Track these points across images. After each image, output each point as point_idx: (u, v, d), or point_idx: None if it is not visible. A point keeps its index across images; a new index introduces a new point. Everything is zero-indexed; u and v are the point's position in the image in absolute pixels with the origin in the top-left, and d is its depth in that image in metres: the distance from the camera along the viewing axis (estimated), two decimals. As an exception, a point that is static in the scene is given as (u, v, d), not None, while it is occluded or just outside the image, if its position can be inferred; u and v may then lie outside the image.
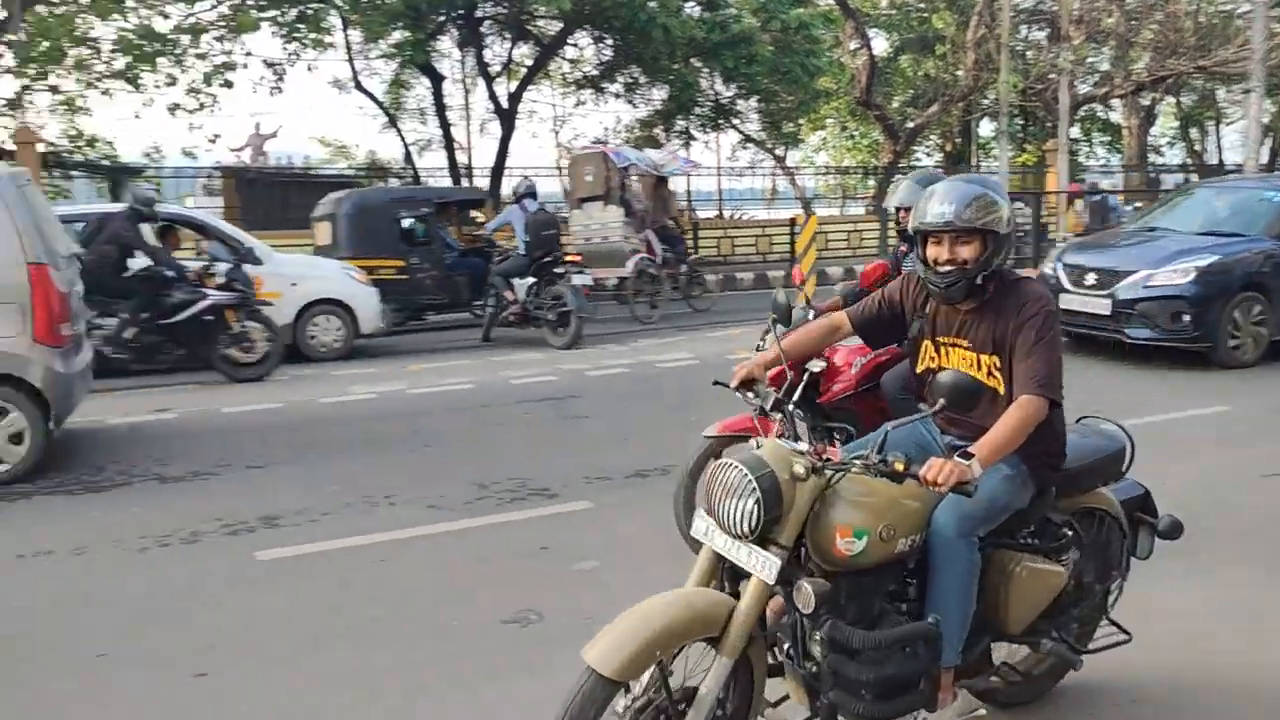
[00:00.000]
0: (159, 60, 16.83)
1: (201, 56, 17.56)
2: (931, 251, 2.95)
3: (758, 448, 2.72)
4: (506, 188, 18.51)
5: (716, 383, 3.21)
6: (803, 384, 5.45)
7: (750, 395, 2.98)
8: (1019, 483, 2.96)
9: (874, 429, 5.40)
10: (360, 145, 27.66)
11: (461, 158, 22.63)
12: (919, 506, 2.75)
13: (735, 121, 24.90)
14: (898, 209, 5.35)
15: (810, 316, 5.28)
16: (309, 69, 24.26)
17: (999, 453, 2.72)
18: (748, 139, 26.80)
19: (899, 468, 2.52)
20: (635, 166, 14.94)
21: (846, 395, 5.16)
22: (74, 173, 19.92)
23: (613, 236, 14.15)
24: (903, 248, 5.54)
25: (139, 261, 9.51)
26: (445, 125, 21.79)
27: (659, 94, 23.07)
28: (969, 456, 2.60)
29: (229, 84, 17.75)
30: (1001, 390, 2.95)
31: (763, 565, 2.58)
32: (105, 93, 17.73)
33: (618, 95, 23.36)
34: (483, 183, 21.07)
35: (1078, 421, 3.36)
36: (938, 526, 2.78)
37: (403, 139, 22.65)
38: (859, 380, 5.16)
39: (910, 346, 3.16)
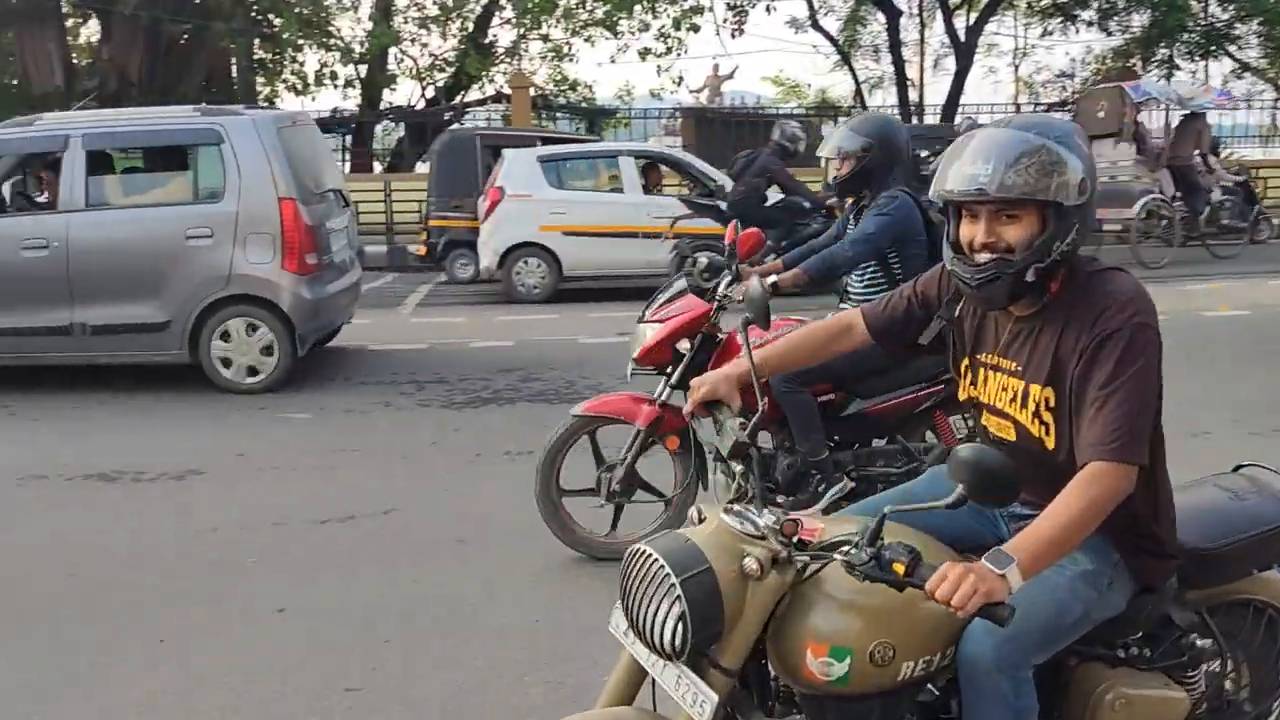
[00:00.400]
0: (635, 8, 18.09)
1: (672, 2, 18.63)
2: (964, 232, 2.01)
3: (699, 520, 1.95)
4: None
5: (664, 405, 2.45)
6: (683, 365, 4.29)
7: (707, 424, 2.16)
8: (1105, 582, 2.03)
9: (771, 421, 4.23)
10: (810, 85, 27.94)
11: (912, 95, 22.14)
12: (940, 616, 1.78)
13: (1230, 48, 22.02)
14: (826, 160, 4.32)
15: (730, 279, 4.16)
16: (767, 10, 24.81)
17: (1052, 554, 1.82)
18: (1244, 67, 23.61)
19: (898, 570, 1.69)
20: (1154, 101, 13.79)
21: None
22: (558, 114, 22.07)
23: (1120, 175, 13.23)
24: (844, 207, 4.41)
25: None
26: (898, 61, 21.42)
27: (1139, 19, 20.97)
28: (1005, 561, 1.71)
29: (695, 28, 18.72)
30: (1050, 444, 2.02)
31: (694, 698, 1.81)
32: (588, 40, 19.43)
33: (1090, 23, 21.56)
34: (932, 121, 20.49)
35: (1235, 471, 2.44)
36: (968, 654, 1.89)
37: (855, 76, 22.61)
38: None
39: (952, 364, 2.27)
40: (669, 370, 4.16)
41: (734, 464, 2.02)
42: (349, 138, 20.74)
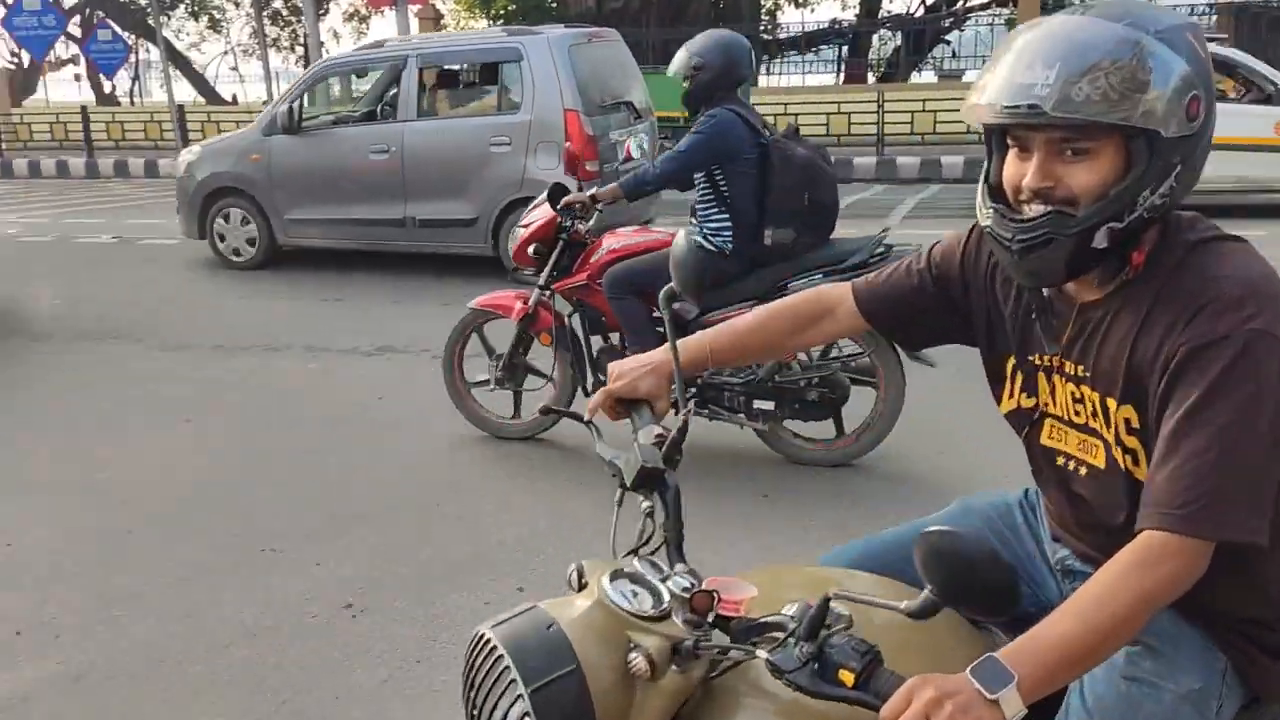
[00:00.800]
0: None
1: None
2: (1010, 172, 1.39)
3: (579, 583, 1.36)
4: None
5: (549, 410, 1.71)
6: (547, 268, 4.47)
7: (605, 440, 1.54)
8: (1215, 705, 1.43)
9: (632, 332, 4.38)
10: None
11: None
12: None
13: None
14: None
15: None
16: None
17: (1069, 671, 1.23)
18: None
19: (845, 680, 1.17)
20: None
21: (579, 287, 4.50)
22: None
23: None
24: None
25: None
26: None
27: None
28: (1001, 678, 1.15)
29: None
30: (1142, 475, 1.37)
31: None
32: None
33: None
34: None
35: None
36: None
37: None
38: (597, 271, 4.43)
39: (986, 364, 1.63)
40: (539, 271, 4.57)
41: (639, 498, 1.47)
42: (845, 49, 20.64)
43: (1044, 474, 1.57)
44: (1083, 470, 1.48)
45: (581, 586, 1.36)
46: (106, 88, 26.31)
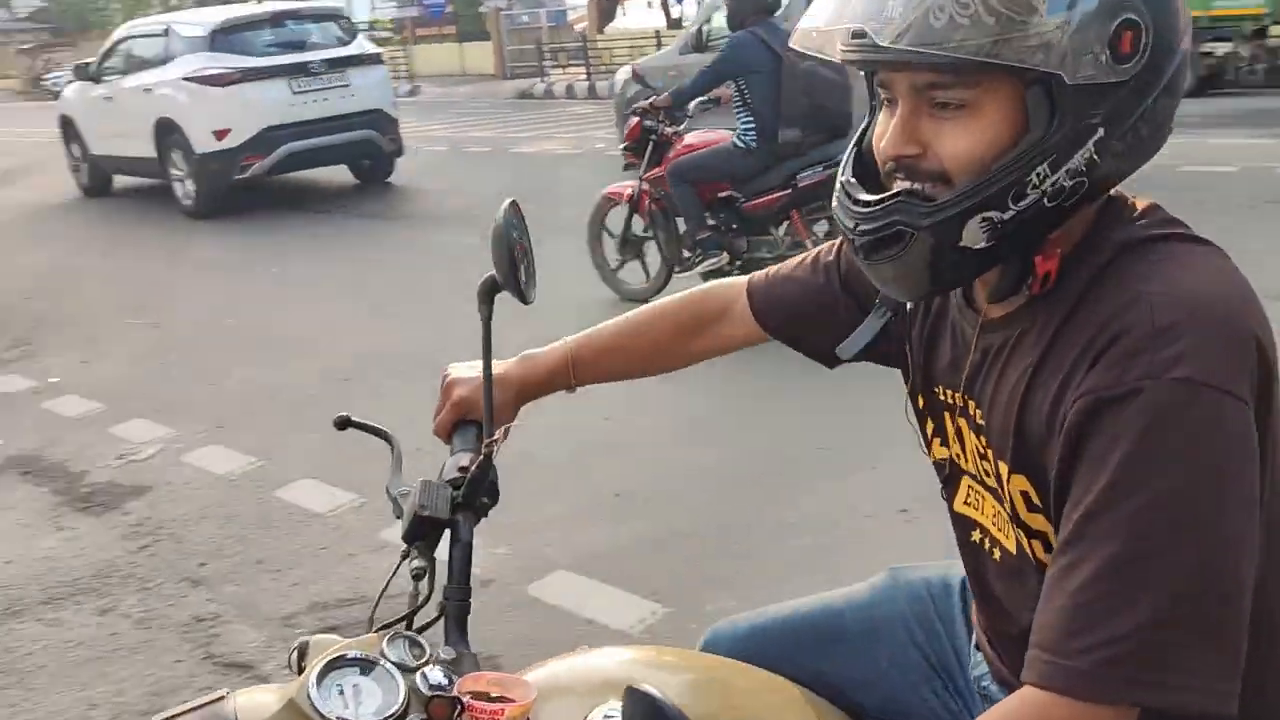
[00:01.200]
0: None
1: None
2: (877, 132, 0.98)
3: (298, 665, 1.05)
4: None
5: (348, 423, 1.22)
6: (644, 164, 5.79)
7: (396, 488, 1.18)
8: None
9: (661, 209, 5.76)
10: None
11: None
12: None
13: None
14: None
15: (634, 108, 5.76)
16: None
17: None
18: None
19: None
20: None
21: (659, 178, 5.42)
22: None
23: None
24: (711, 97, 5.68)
25: None
26: None
27: None
28: None
29: None
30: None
31: None
32: None
33: None
34: None
35: None
36: None
37: None
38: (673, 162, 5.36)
39: (908, 394, 1.22)
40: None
41: (412, 554, 1.13)
42: None
43: (963, 552, 1.18)
44: (996, 553, 1.08)
45: (301, 671, 1.02)
46: (674, 12, 28.39)
